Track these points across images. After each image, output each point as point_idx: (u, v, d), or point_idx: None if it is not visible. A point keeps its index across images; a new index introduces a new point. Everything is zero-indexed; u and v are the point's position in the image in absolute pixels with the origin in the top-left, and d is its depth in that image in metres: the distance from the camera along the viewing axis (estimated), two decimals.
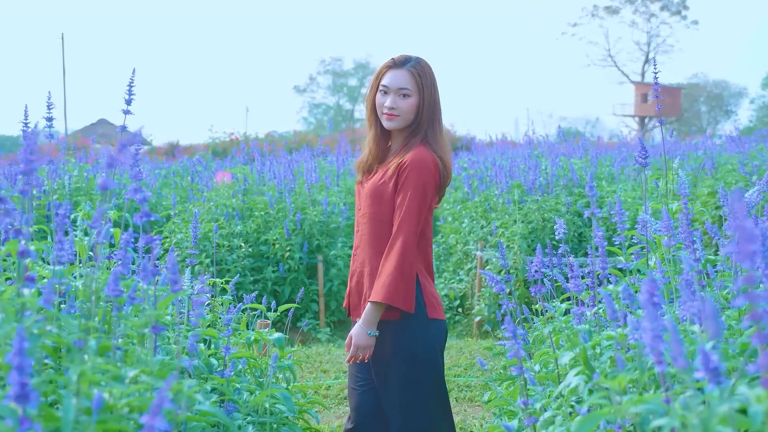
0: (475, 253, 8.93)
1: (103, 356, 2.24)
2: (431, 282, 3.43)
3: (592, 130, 67.73)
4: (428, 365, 3.33)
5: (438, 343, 3.39)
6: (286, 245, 8.84)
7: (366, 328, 3.22)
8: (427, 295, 3.34)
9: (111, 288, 2.01)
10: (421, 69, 3.39)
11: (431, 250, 3.46)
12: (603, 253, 2.85)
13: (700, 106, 66.66)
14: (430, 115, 3.38)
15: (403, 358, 3.30)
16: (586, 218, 8.85)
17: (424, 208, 3.28)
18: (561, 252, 3.66)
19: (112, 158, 1.80)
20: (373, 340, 3.24)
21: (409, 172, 3.27)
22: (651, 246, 3.37)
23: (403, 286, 3.19)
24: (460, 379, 6.47)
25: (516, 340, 2.33)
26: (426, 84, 3.37)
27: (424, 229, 3.36)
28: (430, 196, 3.31)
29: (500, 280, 2.87)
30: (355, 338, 3.24)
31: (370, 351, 3.26)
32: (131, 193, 2.26)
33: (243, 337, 3.31)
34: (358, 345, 3.23)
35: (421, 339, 3.31)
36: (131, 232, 2.49)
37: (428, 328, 3.33)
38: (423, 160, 3.28)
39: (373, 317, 3.22)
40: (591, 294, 2.98)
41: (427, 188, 3.28)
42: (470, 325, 8.69)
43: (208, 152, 24.10)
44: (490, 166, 10.87)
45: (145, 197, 2.24)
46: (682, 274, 2.42)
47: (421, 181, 3.26)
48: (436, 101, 3.41)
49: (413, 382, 3.31)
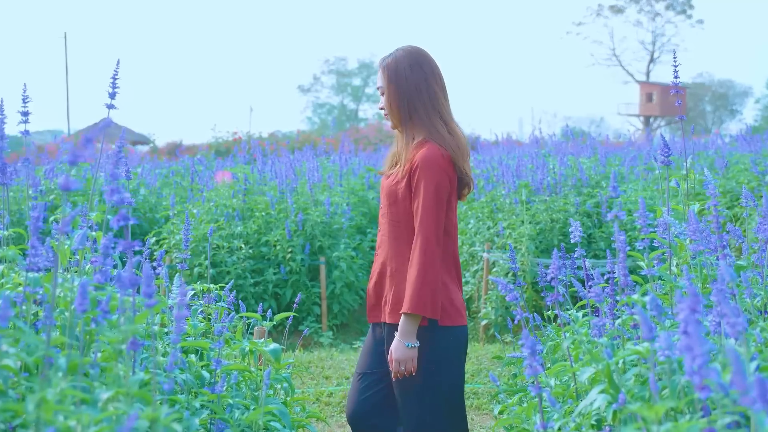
0: (481, 254, 8.70)
1: (77, 375, 2.03)
2: (455, 284, 3.30)
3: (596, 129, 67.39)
4: (436, 372, 3.21)
5: (449, 350, 3.25)
6: (288, 246, 8.61)
7: (404, 341, 3.13)
8: (443, 302, 3.21)
9: (79, 303, 1.78)
10: (390, 62, 3.29)
11: (456, 246, 3.33)
12: (624, 259, 2.63)
13: (705, 106, 66.50)
14: (411, 104, 3.26)
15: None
16: (595, 219, 8.62)
17: (441, 207, 3.16)
18: (576, 256, 3.43)
19: (75, 154, 1.57)
20: (413, 352, 3.14)
21: (419, 174, 3.16)
22: (674, 250, 3.15)
23: (428, 294, 3.10)
24: (467, 386, 6.23)
25: (534, 357, 2.10)
26: (394, 75, 3.26)
27: (447, 227, 3.24)
28: (445, 193, 3.18)
29: (513, 288, 2.65)
30: (395, 353, 3.15)
31: (412, 363, 3.16)
32: (108, 194, 2.04)
33: (237, 348, 3.09)
34: (398, 360, 3.15)
35: (428, 348, 3.18)
36: (111, 237, 2.27)
37: (435, 336, 3.19)
38: (430, 159, 3.16)
39: (409, 329, 3.13)
40: (610, 302, 2.76)
41: (441, 186, 3.16)
42: (476, 328, 8.46)
43: (210, 152, 23.93)
44: (497, 165, 10.64)
45: (123, 199, 2.02)
46: (716, 283, 2.19)
47: (433, 181, 3.14)
48: (412, 88, 3.25)
49: (422, 388, 3.22)
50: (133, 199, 3.18)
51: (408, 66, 3.26)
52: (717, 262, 2.96)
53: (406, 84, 3.25)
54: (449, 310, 3.22)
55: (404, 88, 3.25)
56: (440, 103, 3.28)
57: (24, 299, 2.35)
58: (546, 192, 8.62)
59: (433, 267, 3.11)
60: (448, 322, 3.21)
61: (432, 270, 3.10)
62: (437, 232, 3.14)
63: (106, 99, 2.91)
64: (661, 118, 61.61)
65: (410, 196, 3.21)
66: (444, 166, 3.17)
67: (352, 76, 68.38)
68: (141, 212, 10.78)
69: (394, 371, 3.17)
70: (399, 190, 3.24)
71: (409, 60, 3.28)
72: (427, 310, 3.10)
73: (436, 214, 3.14)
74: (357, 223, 9.91)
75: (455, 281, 3.30)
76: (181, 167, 14.64)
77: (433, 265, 3.11)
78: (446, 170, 3.17)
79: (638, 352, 2.21)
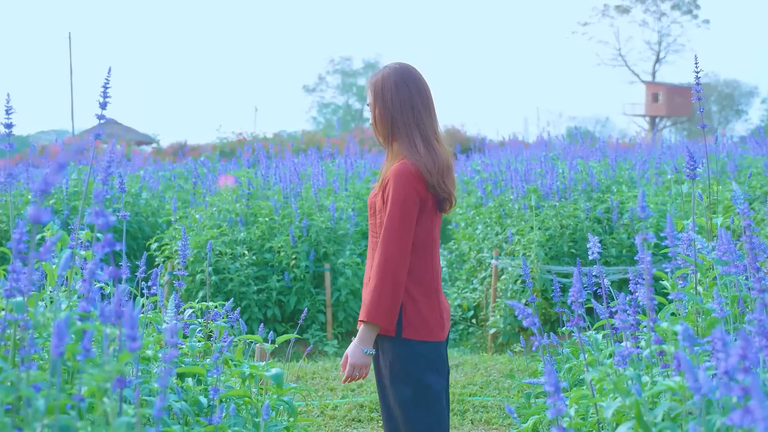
0: (489, 261, 8.51)
1: (58, 414, 1.85)
2: (430, 298, 3.30)
3: (601, 130, 67.26)
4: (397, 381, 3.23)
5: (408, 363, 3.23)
6: (292, 253, 8.42)
7: (361, 346, 3.18)
8: (408, 315, 3.23)
9: (55, 345, 1.61)
10: (377, 80, 3.36)
11: (435, 261, 3.34)
12: (650, 281, 2.44)
13: (711, 106, 66.26)
14: (394, 121, 3.31)
15: (377, 371, 3.31)
16: (606, 225, 8.43)
17: (406, 220, 3.18)
18: (595, 273, 3.25)
19: (47, 182, 1.39)
20: (368, 359, 3.19)
21: (388, 188, 3.22)
22: (700, 269, 2.96)
23: (386, 304, 3.14)
24: (475, 399, 6.04)
25: (557, 395, 1.92)
26: (379, 93, 3.32)
27: (424, 241, 3.27)
28: (412, 206, 3.20)
29: (531, 313, 2.47)
30: (351, 357, 3.19)
31: (366, 370, 3.22)
32: (91, 217, 1.86)
33: (236, 374, 2.90)
34: (353, 364, 3.19)
35: (390, 358, 3.23)
36: (98, 261, 2.09)
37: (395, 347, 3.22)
38: (399, 174, 3.20)
39: (366, 336, 3.17)
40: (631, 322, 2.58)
41: (407, 201, 3.18)
42: (484, 337, 8.28)
43: (215, 152, 23.78)
44: (505, 169, 10.44)
45: (108, 222, 1.85)
46: (755, 314, 2.01)
47: (399, 196, 3.18)
48: (395, 107, 3.30)
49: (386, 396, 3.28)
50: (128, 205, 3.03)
51: (393, 84, 3.32)
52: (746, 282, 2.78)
53: (390, 102, 3.30)
54: (415, 323, 3.22)
55: (388, 106, 3.30)
56: (423, 121, 3.32)
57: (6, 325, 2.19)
58: (555, 197, 8.42)
59: (394, 279, 3.14)
60: (411, 335, 3.22)
61: (391, 282, 3.14)
62: (400, 246, 3.17)
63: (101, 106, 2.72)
64: (666, 118, 61.40)
65: (384, 209, 3.26)
66: (412, 182, 3.19)
67: (358, 76, 68.19)
68: (143, 216, 10.62)
69: (347, 374, 3.21)
70: (376, 203, 3.31)
71: (395, 77, 3.33)
72: (382, 320, 3.13)
73: (399, 228, 3.16)
74: (362, 229, 9.71)
75: (429, 295, 3.29)
76: (184, 170, 14.47)
77: (394, 278, 3.14)
78: (414, 185, 3.19)
79: (671, 388, 2.04)
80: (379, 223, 3.27)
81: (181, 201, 10.80)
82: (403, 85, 3.32)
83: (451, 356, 7.21)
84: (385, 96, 3.31)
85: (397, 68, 3.36)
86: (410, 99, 3.31)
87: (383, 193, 3.26)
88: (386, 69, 3.37)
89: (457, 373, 6.67)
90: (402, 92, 3.31)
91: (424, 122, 3.32)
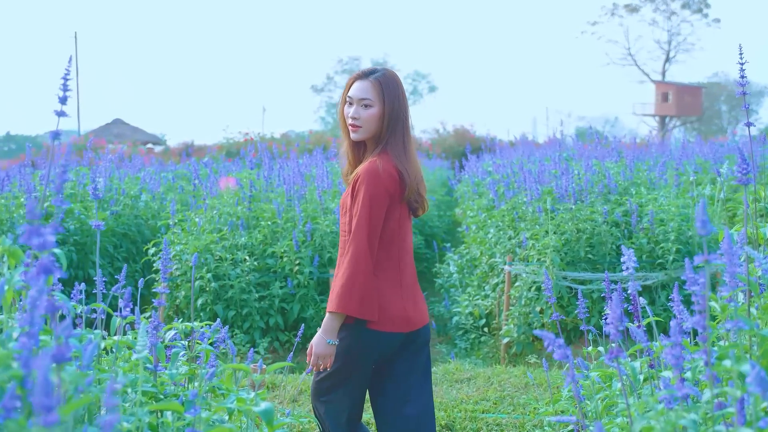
0: (502, 266, 8.12)
1: None
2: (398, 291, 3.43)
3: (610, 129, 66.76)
4: (349, 366, 3.41)
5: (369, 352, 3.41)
6: (295, 258, 8.03)
7: (325, 337, 3.30)
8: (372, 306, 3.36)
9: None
10: (385, 79, 3.44)
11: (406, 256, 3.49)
12: (704, 306, 2.05)
13: (721, 105, 65.85)
14: (393, 125, 3.41)
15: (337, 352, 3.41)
16: (624, 229, 8.03)
17: (375, 216, 3.30)
18: (630, 290, 2.86)
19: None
20: (332, 349, 3.32)
21: (359, 185, 3.33)
22: (754, 288, 2.58)
23: (355, 294, 3.25)
24: (488, 416, 5.64)
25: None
26: (388, 94, 3.42)
27: (391, 238, 3.39)
28: (382, 204, 3.32)
29: (563, 344, 2.09)
30: (316, 348, 3.32)
31: (330, 360, 3.34)
32: (25, 237, 1.49)
33: (218, 411, 2.52)
34: (318, 354, 3.32)
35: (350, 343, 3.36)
36: (42, 288, 1.71)
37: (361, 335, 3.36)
38: (371, 171, 3.32)
39: (331, 326, 3.30)
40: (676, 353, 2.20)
41: (376, 198, 3.30)
42: (497, 346, 7.88)
43: (221, 153, 23.43)
44: (518, 170, 10.04)
45: (45, 244, 1.47)
46: None
47: (368, 192, 3.30)
48: (399, 111, 3.43)
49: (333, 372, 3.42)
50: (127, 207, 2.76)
51: (398, 88, 3.46)
52: None
53: (398, 107, 3.42)
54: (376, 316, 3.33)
55: (396, 110, 3.42)
56: (408, 130, 3.48)
57: None
58: (571, 199, 8.01)
59: (363, 271, 3.26)
60: (376, 327, 3.35)
61: (360, 273, 3.25)
62: (369, 240, 3.29)
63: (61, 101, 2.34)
64: (676, 118, 60.94)
65: (354, 206, 3.37)
66: (383, 179, 3.31)
67: None
68: (143, 219, 10.26)
69: (311, 363, 3.34)
70: (347, 201, 3.42)
71: (399, 83, 3.48)
72: (352, 309, 3.26)
73: (368, 223, 3.28)
74: None
75: (395, 289, 3.41)
76: (187, 171, 14.11)
77: (363, 270, 3.26)
78: (384, 184, 3.31)
79: None
80: (348, 221, 3.37)
81: (180, 204, 10.43)
82: (404, 92, 3.50)
83: (462, 368, 6.82)
84: (393, 98, 3.42)
85: (395, 75, 3.50)
86: (406, 108, 3.48)
87: (353, 191, 3.37)
88: (388, 71, 3.49)
89: (470, 388, 6.28)
90: (404, 99, 3.48)
91: (409, 131, 3.48)
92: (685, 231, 7.68)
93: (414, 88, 67.23)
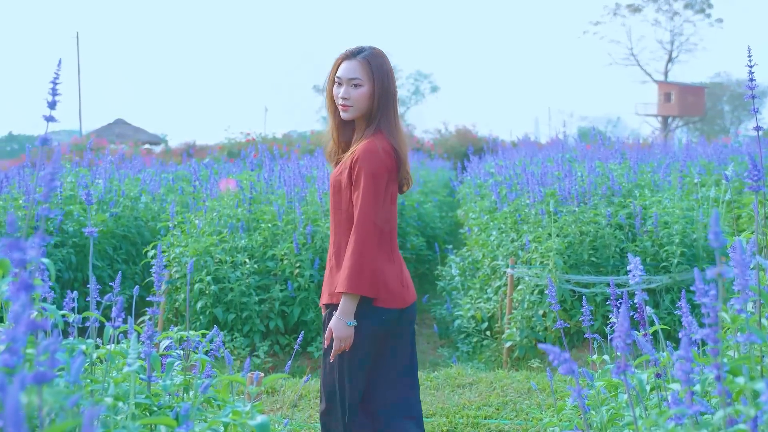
0: (504, 269, 8.03)
1: None
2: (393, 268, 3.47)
3: (613, 129, 66.67)
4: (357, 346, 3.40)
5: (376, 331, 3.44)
6: (296, 261, 7.95)
7: (345, 320, 3.33)
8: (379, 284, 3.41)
9: None
10: (373, 58, 3.46)
11: (395, 234, 3.53)
12: (715, 320, 1.97)
13: (724, 106, 65.75)
14: (384, 103, 3.45)
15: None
16: (628, 232, 7.94)
17: (380, 196, 3.35)
18: (637, 299, 2.78)
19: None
20: (352, 330, 3.34)
21: (360, 164, 3.35)
22: (765, 299, 2.50)
23: (366, 272, 3.29)
24: (491, 422, 5.56)
25: None
26: (377, 73, 3.44)
27: (386, 216, 3.41)
28: (384, 182, 3.37)
29: (568, 358, 2.01)
30: (336, 331, 3.34)
31: (349, 341, 3.36)
32: (3, 251, 1.42)
33: (213, 424, 2.45)
34: (339, 337, 3.33)
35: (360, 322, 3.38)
36: (26, 302, 1.64)
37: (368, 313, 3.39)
38: (371, 150, 3.36)
39: (349, 308, 3.32)
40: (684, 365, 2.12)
41: (379, 176, 3.34)
42: (499, 350, 7.80)
43: (223, 153, 23.38)
44: (520, 172, 9.96)
45: (25, 259, 1.40)
46: None
47: (371, 171, 3.33)
48: (389, 90, 3.47)
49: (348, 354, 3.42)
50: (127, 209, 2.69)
51: (386, 65, 3.49)
52: None
53: (387, 84, 3.46)
54: (385, 294, 3.39)
55: (386, 87, 3.45)
56: (397, 109, 3.53)
57: None
58: (574, 201, 7.93)
59: (372, 250, 3.31)
60: (381, 304, 3.40)
61: (370, 253, 3.31)
62: (375, 219, 3.32)
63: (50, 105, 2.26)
64: (679, 118, 60.85)
65: (351, 186, 3.40)
66: (384, 158, 3.36)
67: None
68: (143, 221, 10.20)
69: (334, 348, 3.36)
70: (342, 180, 3.43)
71: (386, 60, 3.50)
72: (365, 290, 3.30)
73: (373, 202, 3.32)
74: None
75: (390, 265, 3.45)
76: (187, 172, 14.03)
77: (372, 249, 3.31)
78: (384, 162, 3.36)
79: None
80: (347, 200, 3.41)
81: (179, 206, 10.34)
82: (392, 70, 3.52)
83: (464, 373, 6.75)
84: (384, 77, 3.45)
85: (383, 53, 3.52)
86: (395, 84, 3.52)
87: (350, 171, 3.39)
88: (376, 49, 3.51)
89: (472, 393, 6.21)
90: (392, 76, 3.50)
91: (397, 108, 3.53)
92: (689, 234, 7.60)
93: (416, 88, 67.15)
